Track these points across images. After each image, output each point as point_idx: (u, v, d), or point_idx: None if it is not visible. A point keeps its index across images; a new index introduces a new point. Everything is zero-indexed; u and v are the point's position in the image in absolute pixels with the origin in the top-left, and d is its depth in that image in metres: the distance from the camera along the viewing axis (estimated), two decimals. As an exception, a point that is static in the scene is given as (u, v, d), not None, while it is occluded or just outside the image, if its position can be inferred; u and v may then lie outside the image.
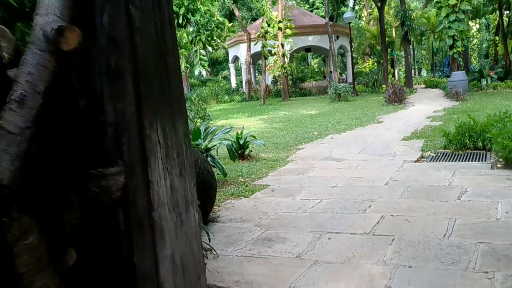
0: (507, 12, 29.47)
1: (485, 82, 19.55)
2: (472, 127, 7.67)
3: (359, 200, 5.33)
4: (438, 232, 4.07)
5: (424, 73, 48.37)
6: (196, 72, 12.08)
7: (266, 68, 32.17)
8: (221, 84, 34.47)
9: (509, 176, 5.77)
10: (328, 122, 13.53)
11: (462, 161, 7.06)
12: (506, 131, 6.20)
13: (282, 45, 26.34)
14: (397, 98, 17.36)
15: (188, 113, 12.07)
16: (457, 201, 4.94)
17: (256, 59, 34.45)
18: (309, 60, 51.36)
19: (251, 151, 8.68)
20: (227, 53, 39.12)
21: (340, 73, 39.88)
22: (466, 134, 7.73)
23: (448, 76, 30.74)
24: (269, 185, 6.43)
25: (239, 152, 8.35)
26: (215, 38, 12.90)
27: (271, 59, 29.08)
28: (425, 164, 7.10)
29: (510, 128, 6.36)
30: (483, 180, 5.73)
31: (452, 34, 18.71)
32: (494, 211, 4.51)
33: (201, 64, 12.59)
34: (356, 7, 44.63)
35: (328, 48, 28.91)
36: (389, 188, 5.77)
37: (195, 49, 12.79)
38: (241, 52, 32.84)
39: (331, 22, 28.85)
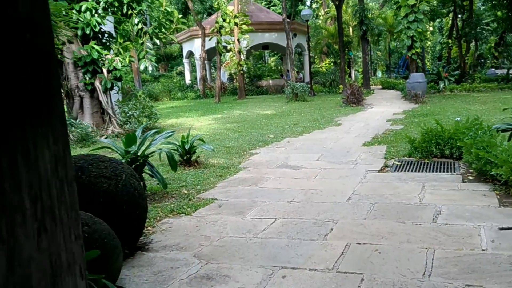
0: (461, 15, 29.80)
1: (443, 84, 19.39)
2: (439, 134, 7.07)
3: (319, 220, 4.54)
4: (416, 269, 3.32)
5: (379, 74, 48.70)
6: (142, 67, 11.03)
7: (223, 65, 31.25)
8: (175, 80, 33.23)
9: (485, 192, 5.14)
10: (285, 123, 12.79)
11: (429, 171, 6.43)
12: (481, 141, 5.58)
13: (238, 41, 25.47)
14: (355, 99, 16.86)
15: (133, 111, 11.06)
16: (433, 224, 4.24)
17: (212, 55, 33.43)
18: (266, 58, 50.82)
19: (198, 156, 7.79)
20: (181, 48, 37.88)
21: (297, 72, 39.49)
22: (433, 141, 7.12)
23: (405, 78, 30.78)
24: (216, 199, 5.56)
25: (185, 157, 7.44)
26: (163, 30, 11.90)
27: (227, 56, 28.16)
28: (389, 174, 6.42)
29: (484, 137, 5.75)
30: (457, 196, 5.07)
31: (411, 34, 18.38)
32: (477, 238, 3.82)
33: (147, 58, 11.56)
34: (314, 6, 44.29)
35: (285, 46, 28.28)
36: (352, 205, 5.01)
37: (141, 41, 11.74)
38: (196, 47, 31.73)
39: (288, 20, 28.22)
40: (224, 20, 24.12)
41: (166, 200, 5.64)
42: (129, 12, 11.49)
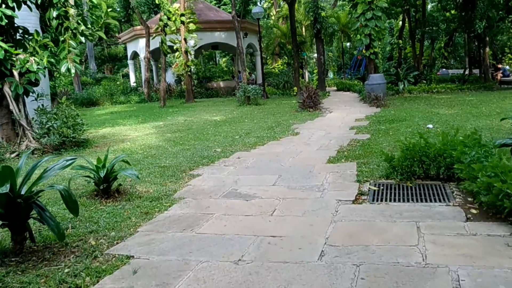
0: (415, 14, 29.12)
1: (402, 85, 18.35)
2: (423, 150, 5.65)
3: (281, 303, 2.95)
4: None
5: (331, 74, 48.01)
6: (63, 69, 9.10)
7: (172, 67, 29.29)
8: (118, 83, 30.94)
9: (507, 239, 3.72)
10: (236, 132, 11.17)
11: (417, 200, 4.99)
12: (493, 165, 4.15)
13: (185, 41, 23.65)
14: (312, 103, 15.46)
15: (53, 122, 9.14)
16: (459, 312, 2.73)
17: (158, 55, 31.24)
18: (217, 58, 49.06)
19: (120, 184, 6.03)
20: (125, 49, 35.62)
21: (249, 73, 38.01)
22: (416, 159, 5.70)
23: (359, 78, 29.88)
24: (133, 257, 3.88)
25: (102, 187, 5.68)
26: (89, 25, 10.00)
27: (175, 56, 26.25)
28: (368, 207, 4.92)
29: (493, 160, 4.34)
30: (473, 249, 3.61)
31: (369, 32, 17.18)
32: None
33: (70, 58, 9.63)
34: (265, 5, 42.92)
35: (236, 45, 26.66)
36: (328, 268, 3.45)
37: (62, 38, 9.80)
38: (141, 47, 29.65)
39: (238, 18, 26.66)
40: (169, 19, 22.22)
41: (60, 260, 3.90)
42: (45, 3, 9.54)
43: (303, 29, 33.91)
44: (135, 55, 33.13)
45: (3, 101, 9.54)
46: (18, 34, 10.53)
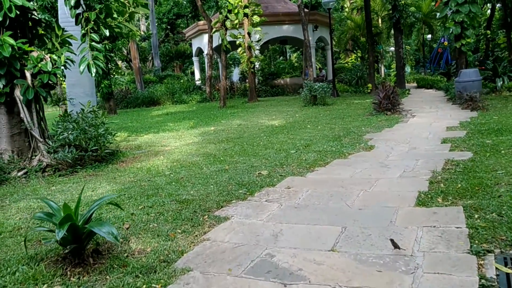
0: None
1: (501, 82, 15.24)
2: None
3: None
4: None
5: (408, 69, 44.28)
6: (81, 68, 7.33)
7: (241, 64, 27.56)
8: (182, 81, 29.67)
9: None
10: (292, 144, 9.01)
11: None
12: None
13: (249, 35, 21.74)
14: (390, 105, 12.93)
15: (68, 132, 7.49)
16: None
17: (229, 52, 29.72)
18: (288, 53, 46.88)
19: (98, 245, 4.07)
20: (191, 45, 34.43)
21: (320, 69, 35.54)
22: None
23: (444, 74, 26.50)
24: None
25: (69, 249, 3.76)
26: (115, 15, 8.24)
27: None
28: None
29: None
30: None
31: (461, 19, 14.28)
32: None
33: (92, 55, 7.93)
34: (338, -4, 40.09)
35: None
36: None
37: (83, 32, 8.13)
38: (204, 43, 28.13)
39: (306, 9, 24.36)
40: (230, 11, 20.37)
41: None
42: (63, -12, 7.92)
43: (379, 20, 30.93)
44: (200, 51, 31.80)
45: (14, 108, 8.03)
46: (40, 29, 9.05)
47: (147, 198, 5.60)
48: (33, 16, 8.72)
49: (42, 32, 9.05)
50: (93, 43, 8.10)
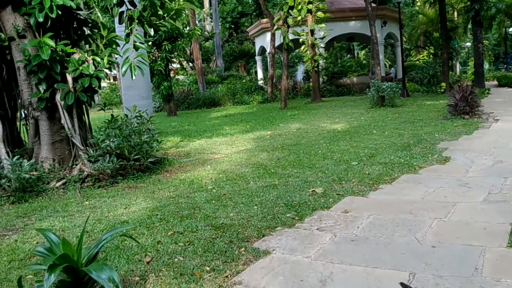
0: None
1: None
2: None
3: None
4: None
5: (486, 65, 41.19)
6: (123, 70, 6.78)
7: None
8: (244, 81, 29.12)
9: None
10: (354, 153, 8.01)
11: None
12: None
13: (312, 32, 20.75)
14: (468, 107, 11.52)
15: (110, 140, 6.99)
16: None
17: (289, 50, 28.82)
18: (355, 51, 45.21)
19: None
20: (253, 44, 33.86)
21: (389, 66, 33.76)
22: None
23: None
24: None
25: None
26: (160, 12, 7.62)
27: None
28: None
29: None
30: None
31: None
32: None
33: (136, 55, 7.35)
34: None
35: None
36: None
37: (126, 31, 7.59)
38: (267, 42, 27.41)
39: (374, 4, 22.95)
40: (291, 8, 19.47)
41: None
42: (106, -14, 7.40)
43: (455, 13, 28.77)
44: (263, 50, 31.17)
45: (55, 114, 7.63)
46: (86, 28, 8.65)
47: (180, 220, 4.88)
48: (79, 16, 8.34)
49: (89, 32, 8.67)
50: (137, 43, 7.55)
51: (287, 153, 8.52)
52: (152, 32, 7.64)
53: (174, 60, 24.40)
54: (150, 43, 19.56)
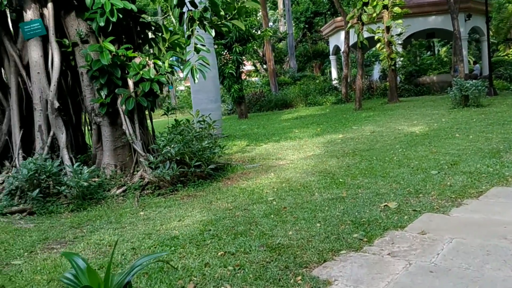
0: None
1: None
2: None
3: None
4: None
5: None
6: (184, 73, 6.49)
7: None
8: (317, 82, 28.40)
9: None
10: (434, 160, 7.18)
11: None
12: None
13: (388, 29, 19.67)
14: None
15: (172, 146, 6.75)
16: None
17: (365, 49, 27.68)
18: (436, 48, 42.84)
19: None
20: (327, 43, 33.00)
21: (474, 62, 31.54)
22: None
23: None
24: None
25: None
26: (221, 12, 7.24)
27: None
28: None
29: None
30: None
31: None
32: None
33: (199, 58, 7.03)
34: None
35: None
36: None
37: (187, 33, 7.29)
38: (341, 41, 26.52)
39: (458, -4, 21.32)
40: (366, 4, 18.54)
41: None
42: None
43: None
44: (337, 49, 30.23)
45: (117, 119, 7.50)
46: (150, 31, 8.51)
47: (233, 237, 4.43)
48: (142, 20, 8.19)
49: (153, 36, 8.51)
50: (198, 46, 7.23)
51: (358, 160, 7.84)
52: (213, 33, 7.29)
53: (245, 62, 24.19)
54: (220, 45, 19.50)
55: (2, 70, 7.99)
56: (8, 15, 7.79)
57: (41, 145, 7.25)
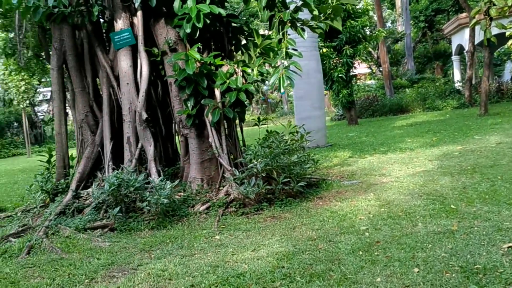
0: None
1: None
2: None
3: None
4: None
5: None
6: (271, 82, 5.92)
7: None
8: (437, 84, 26.17)
9: None
10: None
11: None
12: None
13: (522, 24, 17.27)
14: None
15: (258, 159, 6.23)
16: None
17: (494, 48, 24.91)
18: None
19: None
20: (449, 43, 30.34)
21: None
22: None
23: None
24: None
25: None
26: (315, 12, 6.49)
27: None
28: None
29: None
30: None
31: None
32: None
33: (291, 63, 6.36)
34: None
35: None
36: None
37: (278, 36, 6.66)
38: (466, 39, 24.09)
39: None
40: (495, -5, 16.42)
41: None
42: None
43: None
44: (461, 49, 27.61)
45: (204, 131, 7.10)
46: (243, 38, 8.05)
47: (308, 280, 3.67)
48: (233, 24, 7.75)
49: (245, 42, 8.04)
50: (289, 51, 6.55)
51: (478, 179, 6.57)
52: (306, 36, 6.57)
53: (357, 65, 23.00)
54: (330, 48, 18.66)
55: (97, 81, 8.05)
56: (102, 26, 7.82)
57: (129, 157, 7.10)
